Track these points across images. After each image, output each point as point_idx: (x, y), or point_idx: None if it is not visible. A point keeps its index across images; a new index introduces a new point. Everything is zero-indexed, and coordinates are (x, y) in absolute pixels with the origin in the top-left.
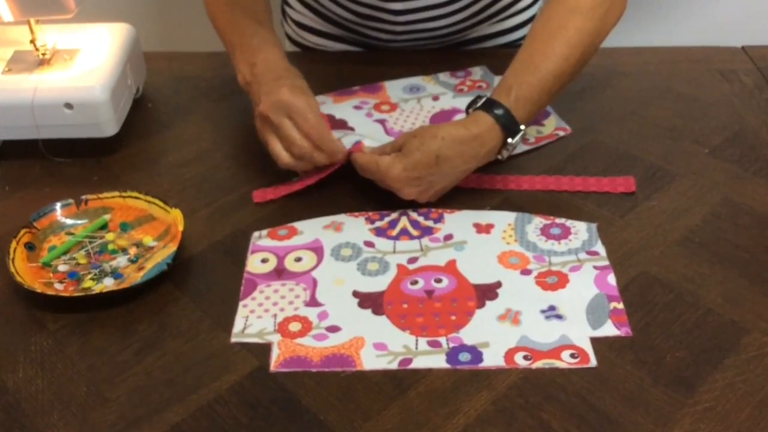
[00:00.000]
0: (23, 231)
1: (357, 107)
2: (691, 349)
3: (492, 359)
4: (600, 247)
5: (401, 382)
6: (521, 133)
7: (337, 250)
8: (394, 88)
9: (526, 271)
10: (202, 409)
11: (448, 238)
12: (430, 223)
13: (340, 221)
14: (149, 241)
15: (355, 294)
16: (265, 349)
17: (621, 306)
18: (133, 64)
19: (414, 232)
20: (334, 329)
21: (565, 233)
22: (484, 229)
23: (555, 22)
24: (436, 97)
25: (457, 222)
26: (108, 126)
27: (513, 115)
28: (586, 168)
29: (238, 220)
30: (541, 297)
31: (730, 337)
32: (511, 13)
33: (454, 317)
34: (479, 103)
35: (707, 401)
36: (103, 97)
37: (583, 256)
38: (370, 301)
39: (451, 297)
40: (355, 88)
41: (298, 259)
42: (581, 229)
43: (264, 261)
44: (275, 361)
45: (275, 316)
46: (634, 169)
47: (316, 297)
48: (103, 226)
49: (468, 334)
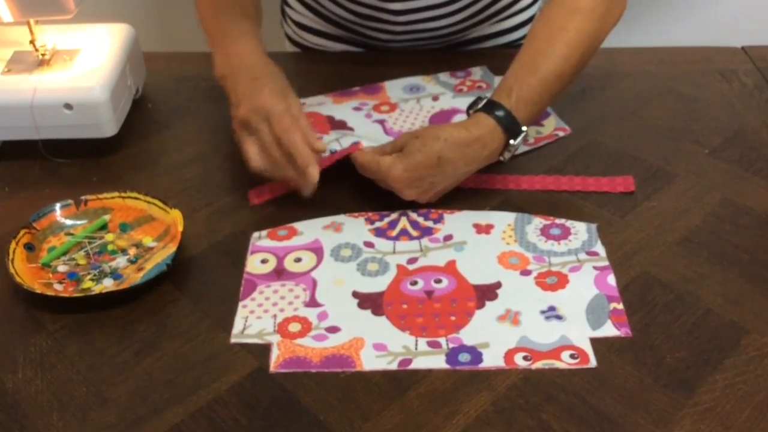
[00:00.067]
0: (23, 231)
1: (357, 108)
2: (691, 349)
3: (492, 360)
4: (600, 248)
5: (401, 382)
6: (523, 134)
7: (337, 250)
8: (394, 88)
9: (525, 272)
10: (202, 409)
11: (448, 238)
12: (429, 223)
13: (340, 222)
14: (149, 241)
15: (355, 294)
16: (264, 349)
17: (621, 306)
18: (132, 64)
19: (414, 233)
20: (333, 330)
21: (565, 234)
22: (483, 229)
23: (555, 23)
24: (435, 97)
25: (457, 222)
26: (108, 126)
27: (514, 117)
28: (586, 168)
29: (237, 220)
30: (541, 297)
31: (730, 338)
32: (510, 13)
33: (453, 318)
34: (480, 105)
35: (707, 402)
36: (103, 97)
37: (582, 256)
38: (369, 301)
39: (450, 297)
40: (355, 88)
41: (298, 260)
42: (581, 230)
43: (264, 261)
44: (275, 361)
45: (275, 316)
46: (633, 170)
47: (316, 297)
48: (103, 227)
49: (468, 335)
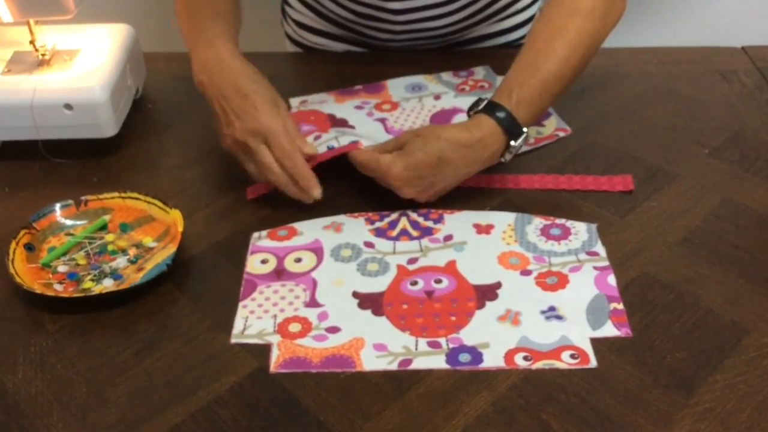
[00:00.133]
0: (23, 232)
1: (358, 107)
2: (691, 349)
3: (492, 360)
4: (600, 248)
5: (401, 382)
6: (524, 135)
7: (337, 250)
8: (396, 86)
9: (526, 272)
10: (202, 410)
11: (448, 238)
12: (429, 223)
13: (340, 222)
14: (149, 241)
15: (355, 295)
16: (264, 349)
17: (621, 306)
18: (132, 64)
19: (414, 233)
20: (333, 330)
21: (565, 234)
22: (484, 229)
23: (555, 23)
24: (437, 97)
25: (457, 222)
26: (108, 127)
27: (515, 118)
28: (587, 168)
29: (237, 220)
30: (541, 297)
31: (730, 338)
32: (510, 12)
33: (454, 318)
34: (481, 106)
35: (707, 402)
36: (103, 97)
37: (583, 256)
38: (370, 301)
39: (451, 297)
40: (357, 87)
41: (298, 260)
42: (581, 230)
43: (264, 262)
44: (275, 362)
45: (275, 316)
46: (634, 170)
47: (316, 298)
48: (103, 227)
49: (468, 335)
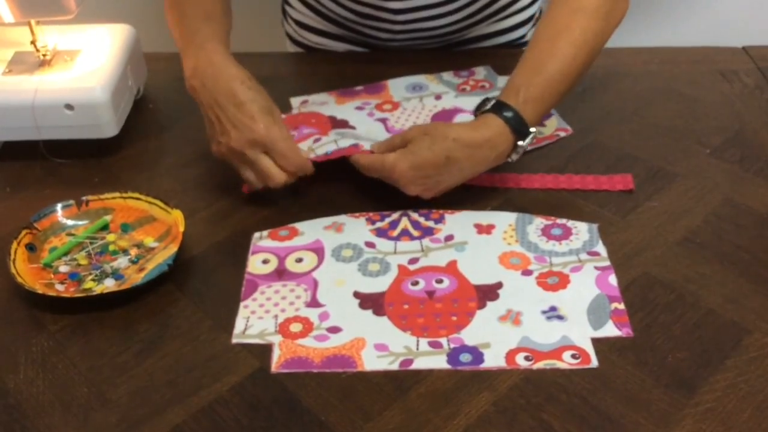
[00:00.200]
0: (24, 232)
1: (359, 108)
2: (692, 349)
3: (493, 360)
4: (601, 248)
5: (402, 382)
6: (531, 135)
7: (338, 250)
8: (397, 86)
9: (527, 272)
10: (203, 410)
11: (449, 238)
12: (430, 223)
13: (341, 222)
14: (150, 242)
15: (356, 295)
16: (266, 349)
17: (622, 306)
18: (133, 64)
19: (415, 233)
20: (335, 330)
21: (566, 234)
22: (484, 229)
23: (559, 22)
24: (438, 96)
25: (458, 223)
26: (109, 127)
27: (522, 117)
28: (587, 168)
29: (238, 220)
30: (542, 297)
31: (731, 338)
32: (509, 12)
33: (455, 318)
34: (488, 106)
35: (708, 402)
36: (104, 98)
37: (584, 256)
38: (371, 301)
39: (451, 297)
40: (359, 87)
41: (299, 260)
42: (582, 230)
43: (265, 262)
44: (276, 362)
45: (276, 317)
46: (635, 170)
47: (317, 298)
48: (104, 227)
49: (469, 335)
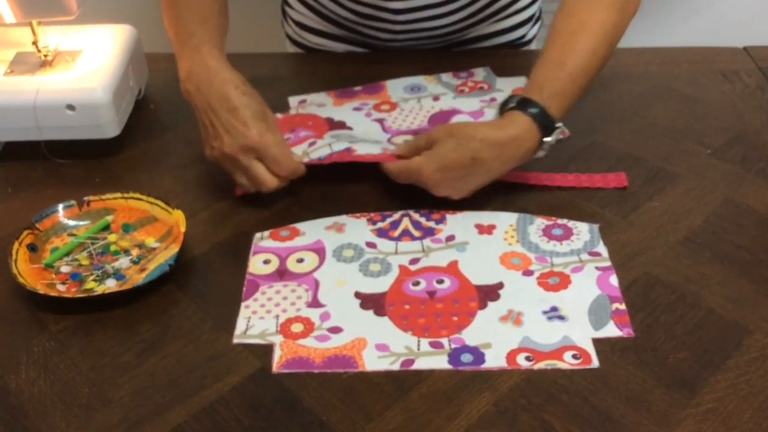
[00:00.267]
0: (25, 232)
1: (357, 108)
2: (693, 350)
3: (494, 360)
4: (602, 248)
5: (403, 383)
6: (557, 130)
7: (339, 251)
8: (395, 87)
9: (528, 272)
10: (205, 410)
11: (450, 239)
12: (431, 224)
13: (342, 222)
14: (151, 242)
15: (357, 295)
16: (267, 350)
17: (623, 307)
18: (135, 65)
19: (416, 233)
20: (336, 330)
21: (567, 234)
22: (485, 230)
23: (576, 17)
24: (436, 98)
25: (459, 223)
26: (110, 127)
27: (548, 113)
28: (588, 168)
29: (240, 221)
30: (543, 298)
31: (732, 338)
32: (510, 12)
33: (456, 318)
34: (512, 104)
35: (709, 402)
36: (105, 98)
37: (585, 257)
38: (372, 302)
39: (452, 298)
40: (357, 88)
41: (300, 260)
42: (583, 230)
43: (266, 262)
44: (277, 362)
45: (277, 317)
46: (635, 170)
47: (318, 298)
48: (106, 228)
49: (470, 335)
